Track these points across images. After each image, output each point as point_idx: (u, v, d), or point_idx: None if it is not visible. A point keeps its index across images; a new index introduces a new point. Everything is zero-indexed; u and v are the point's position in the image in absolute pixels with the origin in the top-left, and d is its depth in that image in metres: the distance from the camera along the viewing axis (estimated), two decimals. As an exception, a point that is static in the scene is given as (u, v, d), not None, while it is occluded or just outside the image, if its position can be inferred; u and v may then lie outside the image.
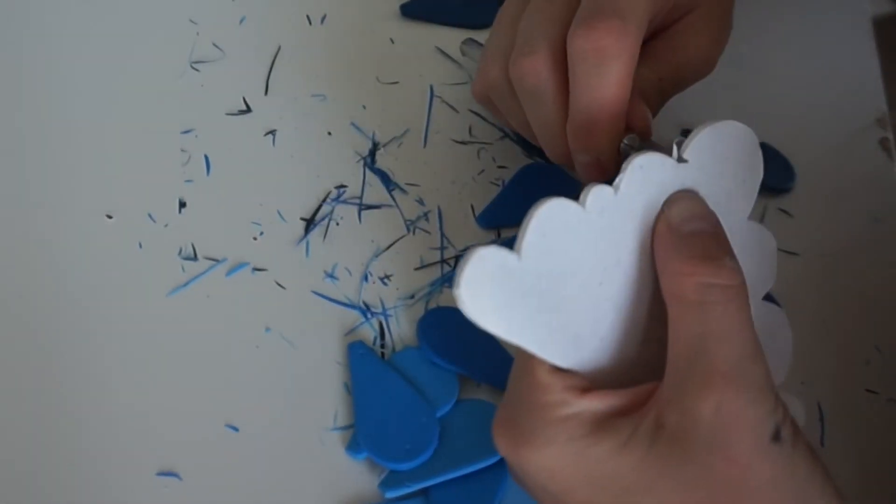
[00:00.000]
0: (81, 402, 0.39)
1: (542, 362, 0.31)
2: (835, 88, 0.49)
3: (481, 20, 0.50)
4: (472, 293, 0.29)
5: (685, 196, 0.33)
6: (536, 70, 0.36)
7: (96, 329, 0.41)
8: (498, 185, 0.45)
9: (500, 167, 0.46)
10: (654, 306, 0.33)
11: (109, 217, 0.44)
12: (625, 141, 0.36)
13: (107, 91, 0.47)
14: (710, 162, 0.34)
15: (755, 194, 0.35)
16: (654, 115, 0.38)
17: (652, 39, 0.39)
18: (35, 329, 0.41)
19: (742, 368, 0.29)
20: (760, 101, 0.48)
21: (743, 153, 0.34)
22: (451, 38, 0.49)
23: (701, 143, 0.33)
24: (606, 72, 0.34)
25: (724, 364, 0.29)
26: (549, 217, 0.31)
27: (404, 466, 0.37)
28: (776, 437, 0.29)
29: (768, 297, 0.37)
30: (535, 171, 0.45)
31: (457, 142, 0.46)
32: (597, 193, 0.31)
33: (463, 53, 0.48)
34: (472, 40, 0.47)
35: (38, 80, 0.47)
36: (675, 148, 0.33)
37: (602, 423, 0.30)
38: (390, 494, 0.37)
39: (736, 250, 0.32)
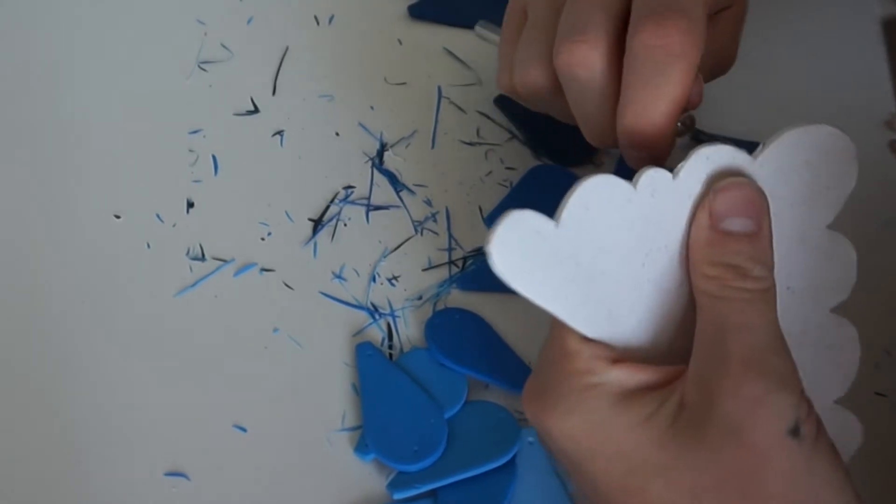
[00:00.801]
0: (89, 402, 0.39)
1: (572, 330, 0.31)
2: (844, 90, 0.49)
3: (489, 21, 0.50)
4: (501, 252, 0.29)
5: (736, 186, 0.31)
6: (590, 60, 0.35)
7: (104, 329, 0.41)
8: (506, 187, 0.45)
9: (508, 168, 0.46)
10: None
11: (117, 217, 0.44)
12: (678, 123, 0.35)
13: (115, 91, 0.47)
14: (789, 164, 0.33)
15: (841, 204, 0.34)
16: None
17: None
18: (43, 329, 0.41)
19: (762, 358, 0.29)
20: (769, 102, 0.48)
21: (832, 160, 0.33)
22: (459, 38, 0.49)
23: (783, 143, 0.32)
24: (672, 72, 0.33)
25: (743, 351, 0.29)
26: (595, 191, 0.31)
27: (412, 468, 0.37)
28: (795, 431, 0.29)
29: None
30: (544, 173, 0.45)
31: (465, 143, 0.46)
32: (652, 176, 0.31)
33: (481, 37, 0.46)
34: (487, 21, 0.45)
35: (46, 81, 0.47)
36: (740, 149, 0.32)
37: (627, 396, 0.30)
38: (398, 496, 0.37)
39: (806, 257, 0.32)
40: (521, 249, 0.30)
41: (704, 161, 0.32)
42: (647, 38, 0.33)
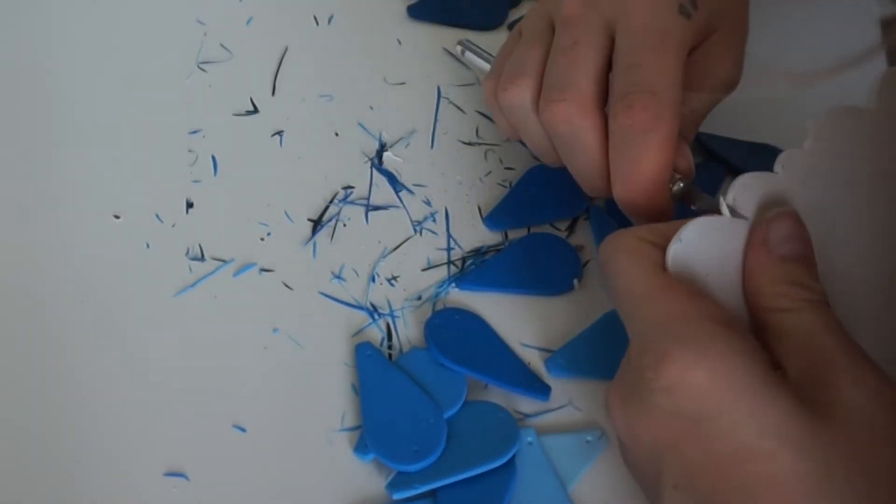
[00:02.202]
0: (89, 402, 0.39)
1: (678, 285, 0.33)
2: (844, 91, 0.49)
3: (488, 21, 0.50)
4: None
5: (786, 216, 0.34)
6: (570, 116, 0.38)
7: (104, 329, 0.41)
8: (505, 187, 0.45)
9: (507, 168, 0.46)
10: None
11: (117, 217, 0.44)
12: (672, 187, 0.38)
13: (114, 91, 0.47)
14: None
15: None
16: (690, 143, 0.40)
17: None
18: (42, 329, 0.41)
19: (861, 355, 0.31)
20: (767, 103, 0.48)
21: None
22: (458, 39, 0.49)
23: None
24: (646, 144, 0.36)
25: (844, 345, 0.31)
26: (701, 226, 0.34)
27: (412, 468, 0.37)
28: None
29: None
30: (542, 173, 0.45)
31: (464, 143, 0.46)
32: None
33: (461, 54, 0.47)
34: (467, 41, 0.47)
35: (45, 81, 0.47)
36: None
37: (751, 353, 0.31)
38: (397, 496, 0.37)
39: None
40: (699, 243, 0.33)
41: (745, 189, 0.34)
42: (620, 120, 0.36)
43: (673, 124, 0.36)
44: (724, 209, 0.34)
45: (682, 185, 0.38)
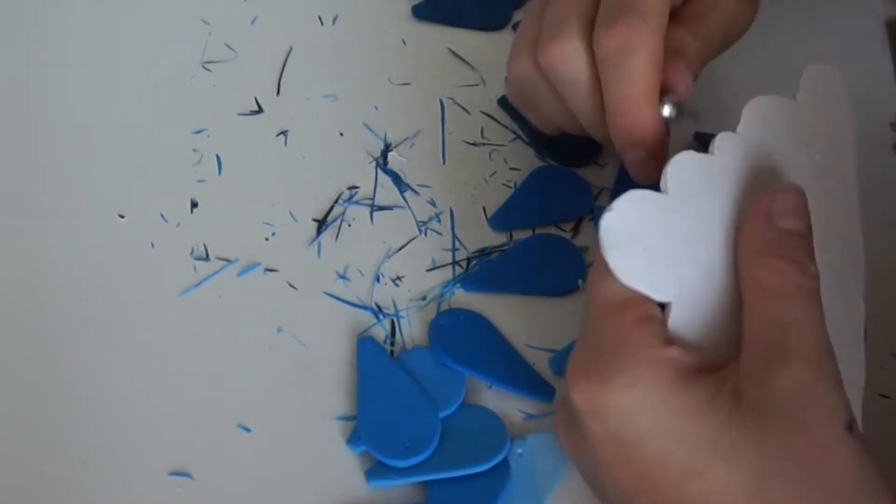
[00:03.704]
0: (94, 402, 0.39)
1: (631, 306, 0.32)
2: (848, 92, 0.49)
3: (493, 22, 0.50)
4: (618, 217, 0.31)
5: (791, 189, 0.33)
6: (566, 56, 0.37)
7: (108, 329, 0.41)
8: (510, 187, 0.45)
9: (512, 169, 0.46)
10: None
11: (121, 217, 0.44)
12: (664, 112, 0.37)
13: (119, 91, 0.47)
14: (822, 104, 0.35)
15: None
16: (696, 77, 0.39)
17: (686, 3, 0.39)
18: (47, 329, 0.41)
19: (821, 357, 0.30)
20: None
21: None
22: (463, 39, 0.49)
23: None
24: (631, 64, 0.36)
25: (804, 349, 0.30)
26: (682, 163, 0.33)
27: (402, 463, 0.37)
28: (849, 427, 0.29)
29: None
30: (548, 174, 0.45)
31: (469, 143, 0.46)
32: (723, 138, 0.33)
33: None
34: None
35: (49, 81, 0.47)
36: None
37: (686, 377, 0.30)
38: (374, 484, 0.37)
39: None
40: (633, 217, 0.32)
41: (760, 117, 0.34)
42: (603, 41, 0.36)
43: (657, 41, 0.36)
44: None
45: (673, 108, 0.37)
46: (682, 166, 0.33)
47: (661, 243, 0.32)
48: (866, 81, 0.49)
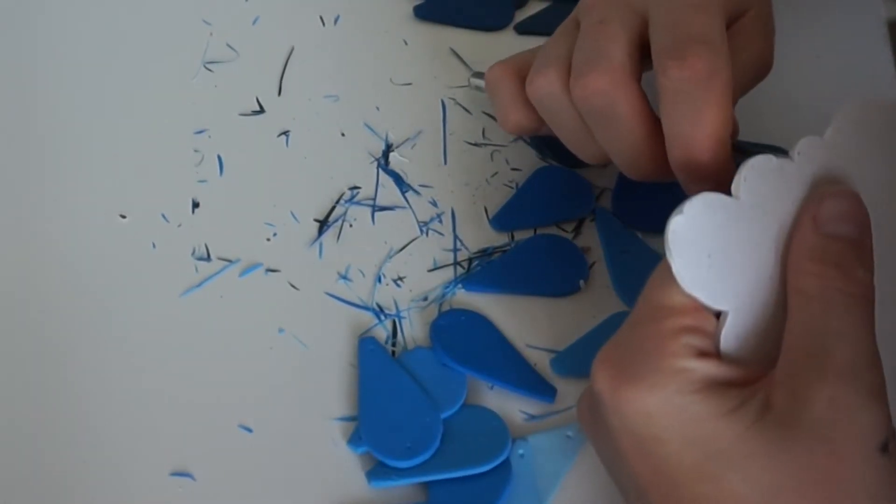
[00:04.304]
0: (95, 402, 0.39)
1: (671, 313, 0.31)
2: (849, 92, 0.49)
3: (495, 22, 0.50)
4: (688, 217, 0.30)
5: (842, 194, 0.32)
6: (601, 88, 0.36)
7: (110, 329, 0.41)
8: (511, 188, 0.45)
9: (513, 169, 0.46)
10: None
11: (123, 217, 0.44)
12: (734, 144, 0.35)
13: (120, 91, 0.47)
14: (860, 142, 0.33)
15: None
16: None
17: None
18: (48, 329, 0.41)
19: (857, 371, 0.29)
20: (774, 104, 0.48)
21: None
22: (464, 40, 0.49)
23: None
24: (708, 95, 0.34)
25: (842, 362, 0.29)
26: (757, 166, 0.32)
27: (403, 464, 0.37)
28: (884, 447, 0.28)
29: None
30: (549, 174, 0.45)
31: (470, 144, 0.46)
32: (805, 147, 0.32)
33: (474, 86, 0.46)
34: (480, 73, 0.46)
35: (51, 81, 0.47)
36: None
37: (712, 387, 0.30)
38: (375, 485, 0.37)
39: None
40: (701, 222, 0.30)
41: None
42: (673, 73, 0.34)
43: (730, 74, 0.34)
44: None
45: (734, 143, 0.35)
46: (758, 171, 0.31)
47: (726, 250, 0.31)
48: (867, 81, 0.49)
